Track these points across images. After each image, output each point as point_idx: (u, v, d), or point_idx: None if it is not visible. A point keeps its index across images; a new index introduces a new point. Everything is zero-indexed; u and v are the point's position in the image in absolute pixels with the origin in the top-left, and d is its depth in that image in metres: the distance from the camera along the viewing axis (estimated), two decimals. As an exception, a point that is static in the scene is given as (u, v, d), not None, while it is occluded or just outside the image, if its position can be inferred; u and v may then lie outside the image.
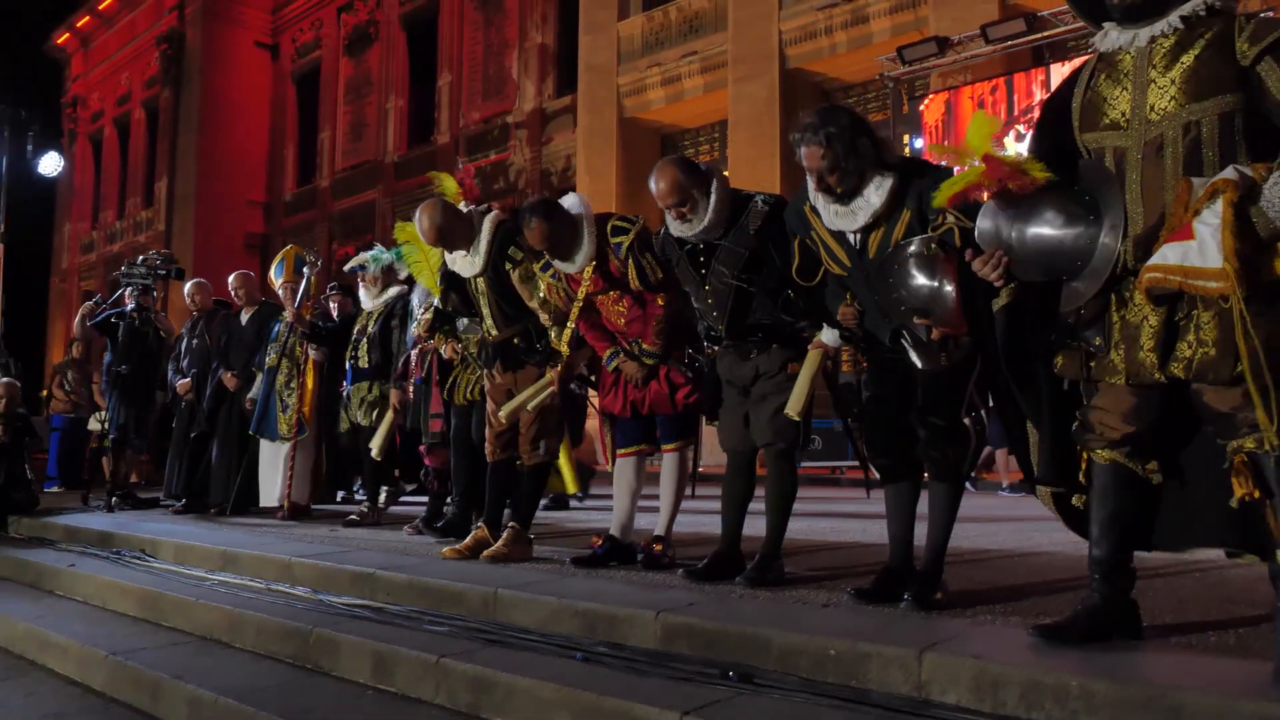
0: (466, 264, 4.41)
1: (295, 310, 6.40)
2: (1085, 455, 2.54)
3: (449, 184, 4.99)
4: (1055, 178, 2.45)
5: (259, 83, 27.48)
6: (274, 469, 6.58)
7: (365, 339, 6.03)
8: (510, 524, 4.39)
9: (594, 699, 2.60)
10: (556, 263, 4.02)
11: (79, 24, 31.77)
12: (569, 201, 4.03)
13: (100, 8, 30.63)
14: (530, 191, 19.46)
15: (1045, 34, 12.02)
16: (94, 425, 9.49)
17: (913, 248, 2.81)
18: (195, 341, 7.22)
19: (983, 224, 2.53)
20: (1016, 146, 10.83)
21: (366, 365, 6.01)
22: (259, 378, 6.66)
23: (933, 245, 2.78)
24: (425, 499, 5.93)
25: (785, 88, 15.30)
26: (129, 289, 7.45)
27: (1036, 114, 2.79)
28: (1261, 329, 2.11)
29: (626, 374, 4.00)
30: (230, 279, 7.12)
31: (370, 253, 6.13)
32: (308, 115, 26.56)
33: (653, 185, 3.62)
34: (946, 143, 2.86)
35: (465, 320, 4.85)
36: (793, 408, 3.43)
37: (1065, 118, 2.57)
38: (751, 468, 3.80)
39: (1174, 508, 2.56)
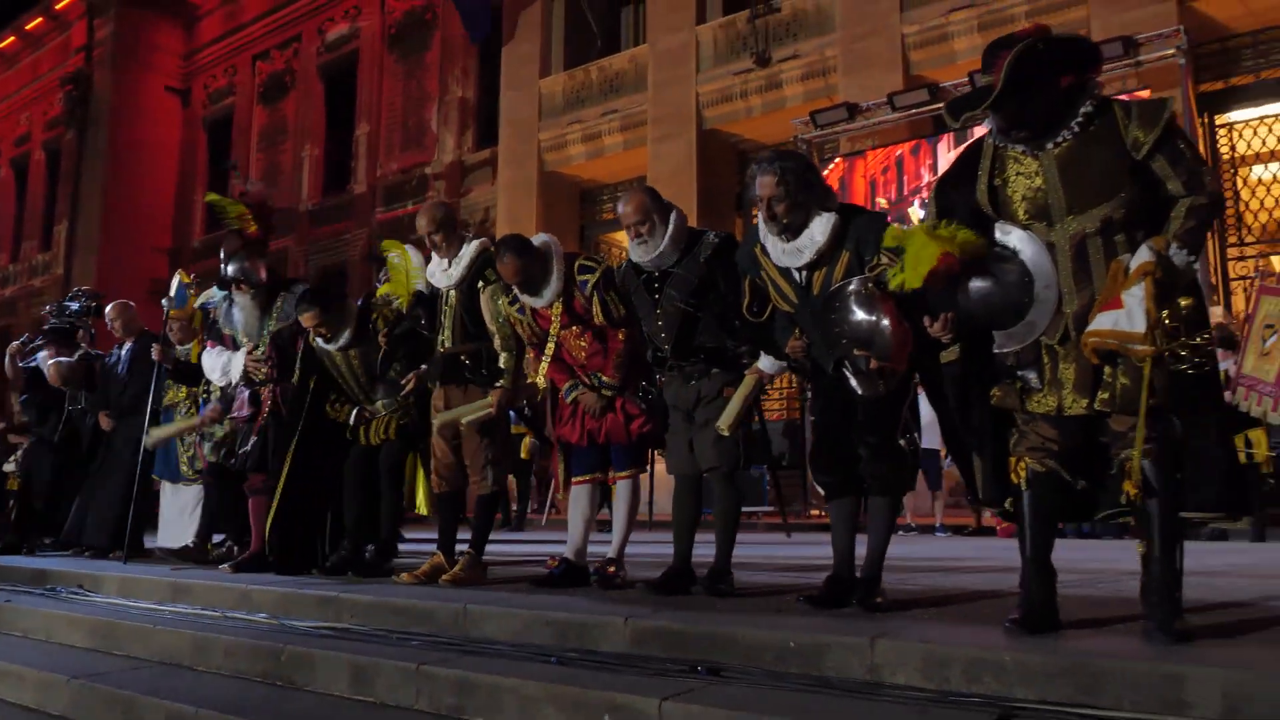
0: (444, 276, 4.67)
1: (159, 346, 6.19)
2: (1020, 466, 2.91)
3: (234, 207, 5.31)
4: (991, 246, 2.89)
5: (168, 127, 27.08)
6: (179, 511, 6.38)
7: None
8: (466, 550, 4.58)
9: (579, 692, 2.81)
10: (524, 297, 4.28)
11: (-23, 63, 30.91)
12: (539, 240, 4.32)
13: (1, 47, 29.86)
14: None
15: (946, 103, 12.87)
16: (9, 467, 9.25)
17: (852, 286, 3.17)
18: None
19: (933, 298, 2.91)
20: (919, 212, 11.59)
21: None
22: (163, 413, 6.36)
23: (870, 284, 3.15)
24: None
25: (702, 147, 15.94)
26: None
27: (927, 193, 3.22)
28: (1161, 376, 2.63)
29: (585, 405, 4.25)
30: (107, 310, 6.86)
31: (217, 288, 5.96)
32: (219, 161, 26.22)
33: (620, 208, 4.00)
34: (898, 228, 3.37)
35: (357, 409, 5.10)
36: (723, 423, 3.75)
37: (966, 195, 3.00)
38: (698, 491, 4.08)
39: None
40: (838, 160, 14.03)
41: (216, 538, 6.19)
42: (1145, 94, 11.37)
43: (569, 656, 3.19)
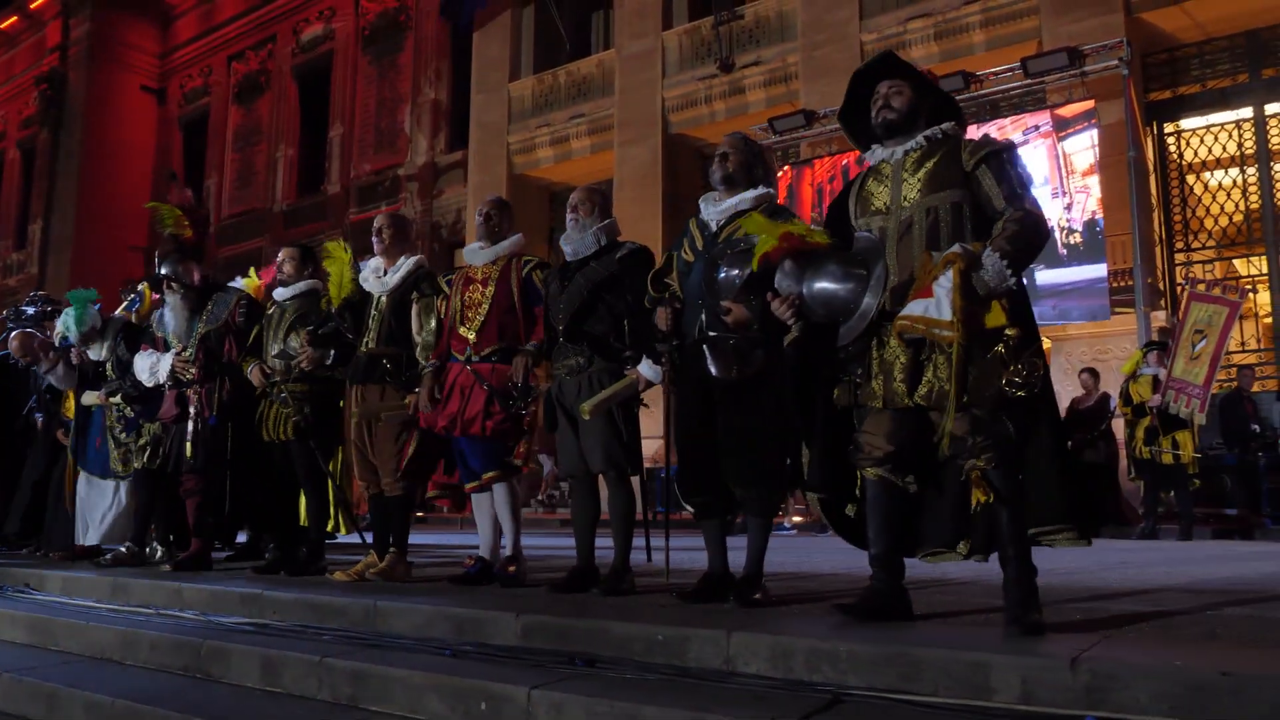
0: (379, 283, 4.89)
1: (75, 349, 6.39)
2: (859, 473, 3.14)
3: (170, 213, 5.52)
4: (836, 242, 3.19)
5: (144, 127, 27.16)
6: (96, 506, 6.52)
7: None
8: (390, 548, 4.79)
9: (459, 682, 3.02)
10: (470, 255, 4.67)
11: (-49, 62, 30.86)
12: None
13: (-24, 46, 29.87)
14: (420, 243, 19.83)
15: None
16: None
17: (741, 245, 3.50)
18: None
19: (780, 281, 3.16)
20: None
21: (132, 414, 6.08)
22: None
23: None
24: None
25: (667, 150, 16.19)
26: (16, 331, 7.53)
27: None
28: (974, 368, 2.80)
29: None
30: (10, 344, 7.04)
31: (60, 322, 6.30)
32: (194, 161, 26.33)
33: (573, 195, 4.45)
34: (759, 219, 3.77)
35: (278, 349, 5.19)
36: (586, 405, 3.97)
37: (844, 211, 3.32)
38: (593, 490, 4.30)
39: (930, 520, 3.20)
40: (785, 168, 14.32)
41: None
42: (1090, 104, 11.67)
43: (463, 649, 3.40)
